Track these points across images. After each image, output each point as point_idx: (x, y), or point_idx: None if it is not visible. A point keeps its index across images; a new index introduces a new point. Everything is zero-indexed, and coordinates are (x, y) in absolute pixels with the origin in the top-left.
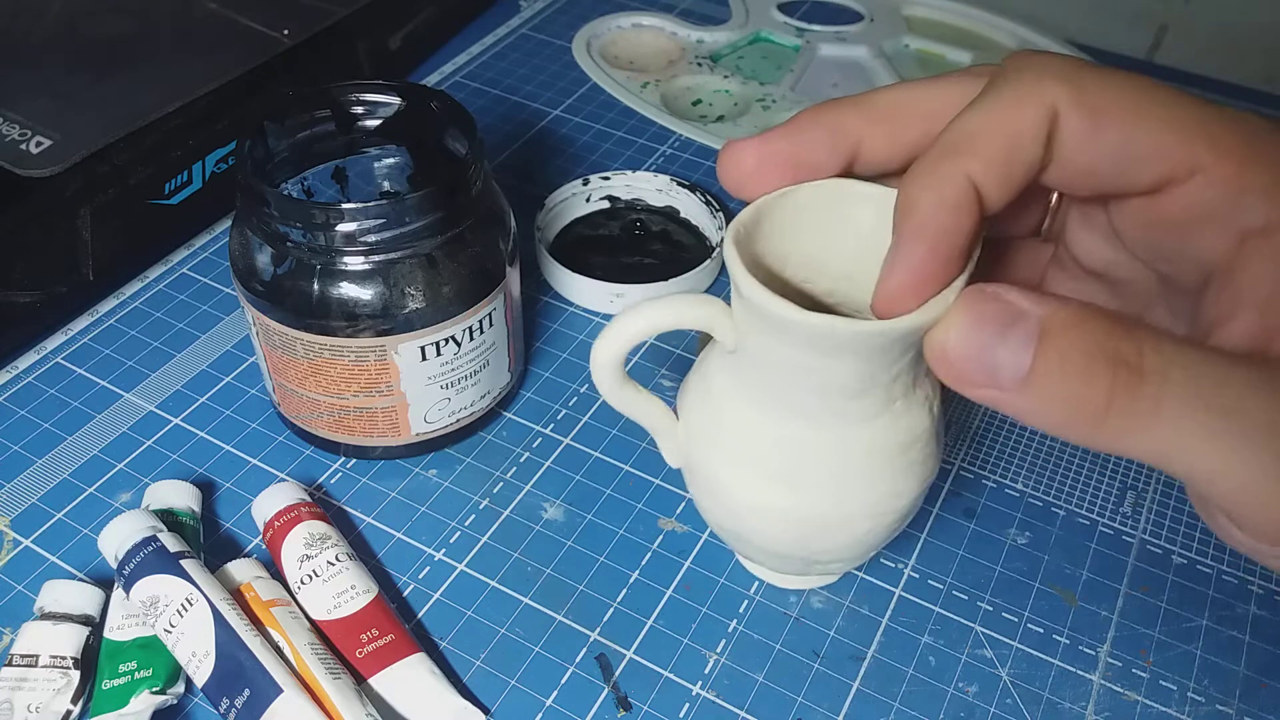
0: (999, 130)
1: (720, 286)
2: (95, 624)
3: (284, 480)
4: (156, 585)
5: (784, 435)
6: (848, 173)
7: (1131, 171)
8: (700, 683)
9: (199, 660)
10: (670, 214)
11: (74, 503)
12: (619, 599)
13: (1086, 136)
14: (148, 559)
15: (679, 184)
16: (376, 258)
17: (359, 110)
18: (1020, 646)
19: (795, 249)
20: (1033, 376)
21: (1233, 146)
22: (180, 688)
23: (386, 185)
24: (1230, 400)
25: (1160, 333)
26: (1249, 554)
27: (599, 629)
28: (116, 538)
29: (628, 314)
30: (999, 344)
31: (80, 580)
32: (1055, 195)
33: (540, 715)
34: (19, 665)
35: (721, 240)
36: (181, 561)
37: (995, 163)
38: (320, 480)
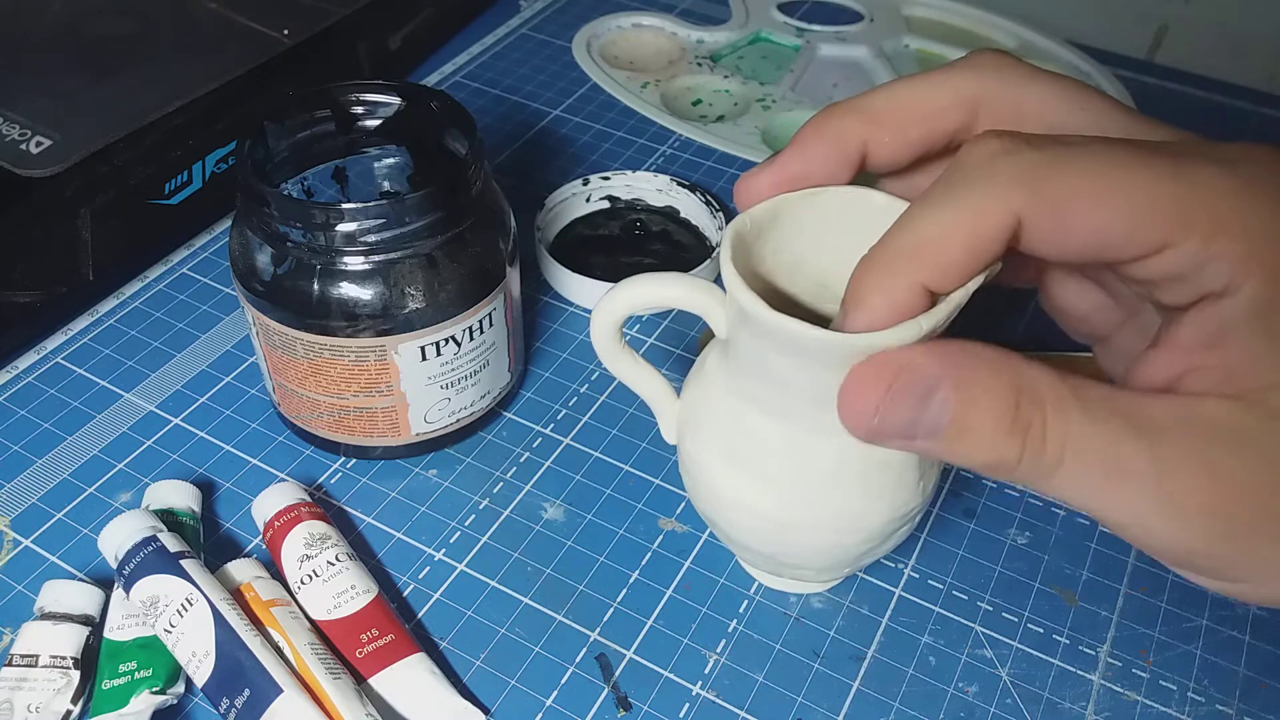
0: (958, 240)
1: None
2: (95, 624)
3: (284, 480)
4: (156, 585)
5: (759, 430)
6: (859, 176)
7: (1100, 254)
8: (700, 683)
9: (199, 660)
10: (670, 214)
11: (74, 503)
12: (619, 599)
13: (1053, 235)
14: (148, 559)
15: (679, 184)
16: (376, 258)
17: (359, 110)
18: (1020, 646)
19: (811, 252)
20: (949, 434)
21: (1200, 221)
22: (180, 688)
23: (386, 185)
24: (1121, 459)
25: (1061, 393)
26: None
27: (599, 629)
28: (116, 538)
29: (628, 283)
30: (918, 413)
31: (80, 580)
32: None
33: (540, 715)
34: (19, 665)
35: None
36: (181, 561)
37: (950, 271)
38: (320, 480)
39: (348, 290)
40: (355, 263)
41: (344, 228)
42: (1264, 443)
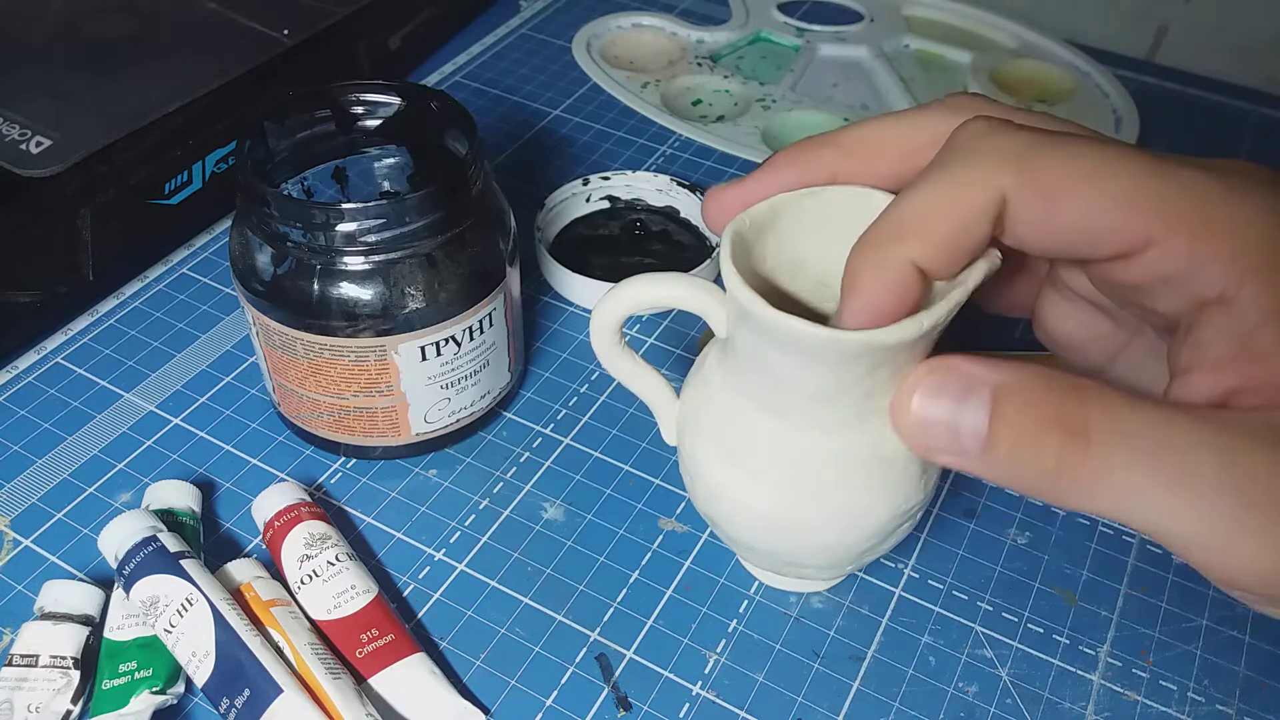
0: (945, 215)
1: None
2: (95, 624)
3: (284, 480)
4: (156, 585)
5: (759, 429)
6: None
7: (1086, 245)
8: (700, 683)
9: (199, 660)
10: (670, 214)
11: (74, 503)
12: (619, 599)
13: (1038, 219)
14: (148, 559)
15: (679, 184)
16: (376, 258)
17: (359, 110)
18: (1020, 646)
19: (812, 251)
20: (990, 443)
21: (1185, 219)
22: (180, 688)
23: (386, 185)
24: (1177, 460)
25: (1109, 395)
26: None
27: (599, 629)
28: (116, 538)
29: (628, 284)
30: (957, 411)
31: (80, 580)
32: None
33: (540, 715)
34: (19, 665)
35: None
36: (181, 561)
37: (939, 246)
38: (320, 480)
39: (348, 290)
40: (355, 263)
41: (344, 228)
42: None
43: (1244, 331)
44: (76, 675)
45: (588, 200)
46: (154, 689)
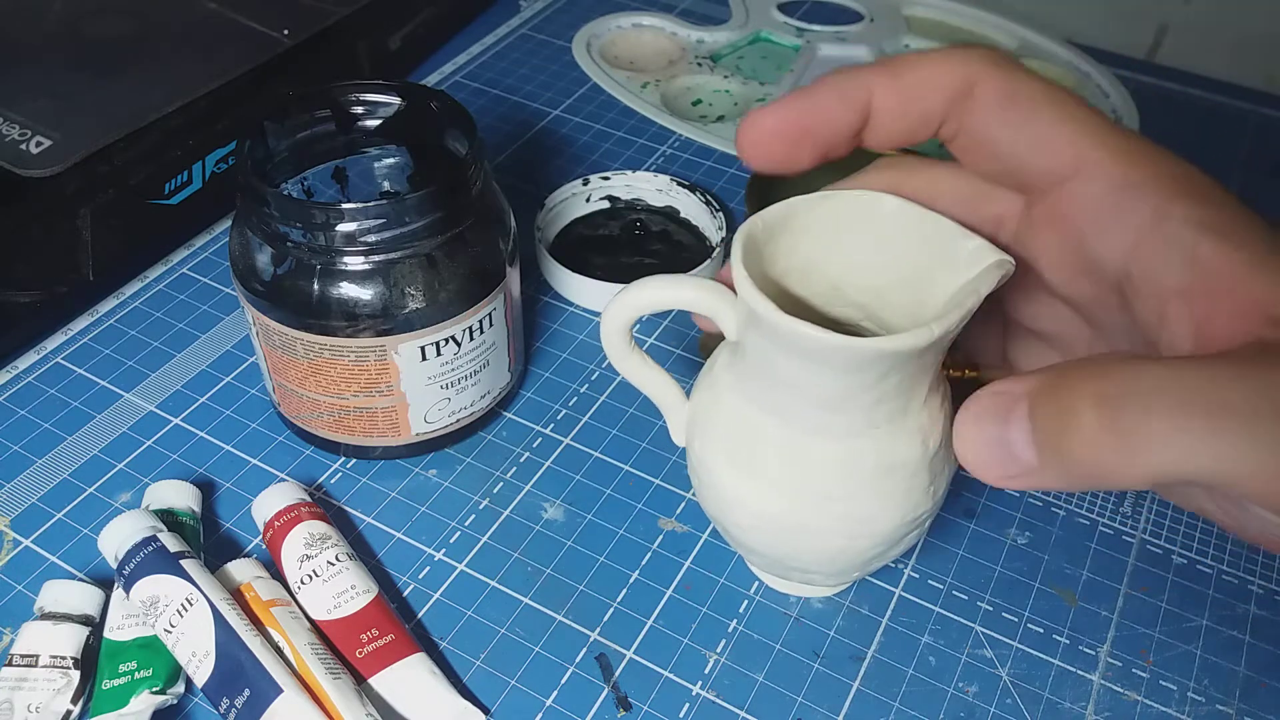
0: (916, 72)
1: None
2: (95, 624)
3: (284, 480)
4: (156, 585)
5: (766, 433)
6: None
7: (1026, 156)
8: (700, 683)
9: (199, 660)
10: (670, 214)
11: (74, 503)
12: (619, 599)
13: (994, 113)
14: (148, 559)
15: (679, 184)
16: (376, 258)
17: (359, 110)
18: (1020, 646)
19: (824, 255)
20: (1039, 448)
21: (1117, 148)
22: (180, 688)
23: (386, 185)
24: (1208, 394)
25: (1126, 359)
26: None
27: (599, 629)
28: (116, 538)
29: (638, 285)
30: (1006, 431)
31: (80, 580)
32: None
33: (540, 715)
34: (19, 665)
35: (722, 240)
36: (181, 561)
37: (897, 91)
38: (320, 480)
39: (348, 290)
40: (355, 263)
41: (344, 228)
42: None
43: (1187, 254)
44: (76, 675)
45: (588, 200)
46: (154, 689)
